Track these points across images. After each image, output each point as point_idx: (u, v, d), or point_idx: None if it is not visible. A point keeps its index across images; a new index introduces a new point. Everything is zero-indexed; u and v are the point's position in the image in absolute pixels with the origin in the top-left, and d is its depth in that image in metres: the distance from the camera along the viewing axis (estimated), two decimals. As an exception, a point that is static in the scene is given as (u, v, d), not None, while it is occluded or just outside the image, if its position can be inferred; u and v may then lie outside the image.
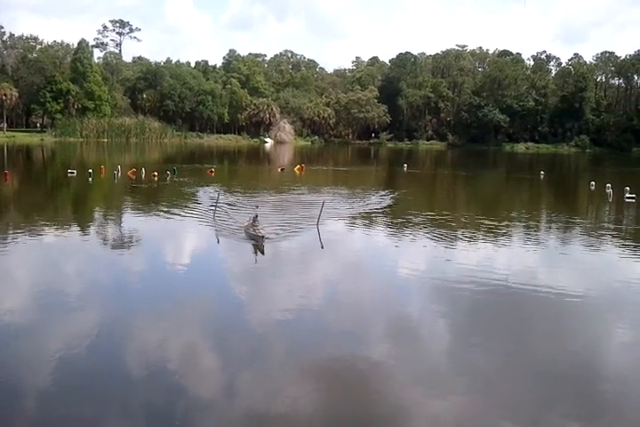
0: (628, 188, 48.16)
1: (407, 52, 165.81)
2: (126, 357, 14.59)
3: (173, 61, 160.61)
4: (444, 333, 17.36)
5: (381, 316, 18.37)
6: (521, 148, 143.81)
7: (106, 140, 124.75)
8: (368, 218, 35.82)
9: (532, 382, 13.90)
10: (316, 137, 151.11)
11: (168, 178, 53.76)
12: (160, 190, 46.78)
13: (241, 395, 13.07)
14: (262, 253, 24.31)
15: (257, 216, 26.52)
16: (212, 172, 60.36)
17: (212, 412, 12.13)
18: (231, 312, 18.32)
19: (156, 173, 53.63)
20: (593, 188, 53.94)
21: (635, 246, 30.61)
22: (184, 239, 28.28)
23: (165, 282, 21.13)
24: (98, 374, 13.43)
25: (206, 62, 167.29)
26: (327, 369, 14.24)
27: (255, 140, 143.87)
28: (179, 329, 16.55)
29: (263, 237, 25.34)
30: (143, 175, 54.09)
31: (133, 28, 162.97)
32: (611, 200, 47.58)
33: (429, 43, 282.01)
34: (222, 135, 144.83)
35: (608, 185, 50.85)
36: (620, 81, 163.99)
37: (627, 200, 46.23)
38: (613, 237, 32.65)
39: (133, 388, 12.88)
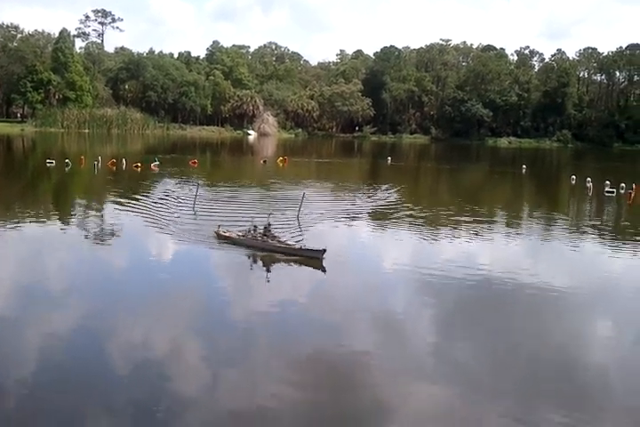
0: (608, 182, 48.56)
1: (391, 46, 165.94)
2: (110, 350, 14.45)
3: (156, 52, 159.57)
4: (428, 326, 17.37)
5: (366, 310, 18.35)
6: (504, 142, 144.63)
7: (87, 130, 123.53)
8: (349, 211, 35.75)
9: (515, 373, 13.95)
10: (300, 130, 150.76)
11: (155, 168, 53.41)
12: (139, 181, 46.27)
13: (227, 388, 13.03)
14: (323, 270, 21.57)
15: (269, 225, 24.33)
16: (194, 163, 60.01)
17: (198, 405, 12.05)
18: (215, 306, 18.23)
19: (138, 164, 53.17)
20: (574, 182, 54.32)
21: (613, 241, 30.86)
22: (157, 233, 27.85)
23: (144, 276, 20.96)
24: (78, 367, 13.29)
25: (189, 53, 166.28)
26: (312, 362, 14.19)
27: (238, 132, 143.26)
28: (160, 323, 16.41)
29: (324, 250, 22.22)
30: (124, 166, 53.59)
31: (116, 17, 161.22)
32: (590, 194, 47.97)
33: (414, 37, 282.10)
34: (205, 127, 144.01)
35: (588, 179, 51.23)
36: (602, 77, 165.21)
37: (606, 194, 46.66)
38: (593, 231, 32.90)
39: (117, 382, 12.73)
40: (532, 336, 16.29)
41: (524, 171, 67.39)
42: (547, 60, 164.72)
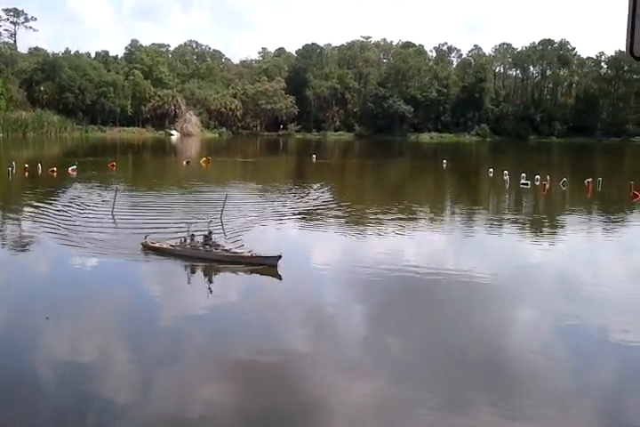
0: (524, 174, 50.25)
1: (313, 44, 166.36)
2: (38, 358, 14.01)
3: (72, 52, 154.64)
4: (358, 321, 17.64)
5: (297, 307, 18.45)
6: (425, 137, 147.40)
7: (1, 135, 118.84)
8: (274, 210, 35.75)
9: (445, 363, 14.34)
10: (224, 129, 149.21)
11: (72, 172, 51.86)
12: (54, 186, 44.75)
13: (162, 391, 12.83)
14: (280, 278, 20.84)
15: (211, 233, 23.29)
16: (113, 166, 58.53)
17: (129, 412, 11.79)
18: (144, 312, 17.90)
19: (54, 169, 51.50)
20: (491, 175, 55.95)
21: (531, 231, 32.09)
22: (71, 247, 27.02)
23: (64, 290, 20.34)
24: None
25: (107, 53, 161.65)
26: (245, 362, 14.14)
27: (160, 132, 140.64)
28: (90, 330, 16.05)
29: (280, 256, 21.44)
30: (40, 171, 51.81)
31: (29, 17, 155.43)
32: (508, 186, 49.56)
33: (335, 34, 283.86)
34: (125, 128, 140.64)
35: (505, 172, 52.86)
36: (517, 72, 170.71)
37: (521, 186, 48.32)
38: (511, 222, 34.09)
39: (45, 391, 12.38)
40: (460, 326, 16.78)
41: (444, 165, 68.92)
42: (464, 55, 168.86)
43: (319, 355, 14.71)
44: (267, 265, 21.44)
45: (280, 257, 21.41)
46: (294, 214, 34.71)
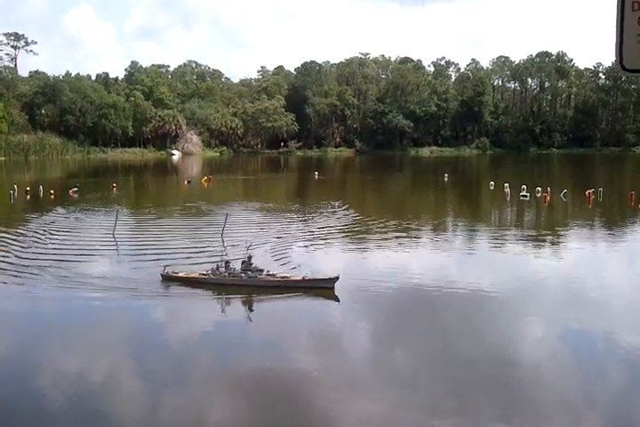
0: (524, 186, 50.29)
1: (312, 61, 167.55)
2: (44, 378, 14.02)
3: (73, 74, 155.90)
4: (364, 337, 17.65)
5: (302, 324, 18.46)
6: (425, 152, 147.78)
7: (3, 158, 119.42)
8: (279, 225, 35.84)
9: (451, 374, 14.32)
10: (225, 148, 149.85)
11: (73, 195, 51.95)
12: (53, 209, 44.27)
13: (168, 409, 12.80)
14: (337, 300, 20.34)
15: (250, 258, 22.07)
16: (114, 187, 58.62)
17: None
18: (149, 330, 17.89)
19: (52, 191, 51.59)
20: (492, 188, 56.02)
21: (533, 243, 32.01)
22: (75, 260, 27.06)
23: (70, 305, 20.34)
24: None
25: (107, 75, 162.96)
26: (252, 380, 14.12)
27: (162, 152, 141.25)
28: (93, 349, 16.07)
29: (337, 278, 20.83)
30: (41, 193, 51.98)
31: (29, 40, 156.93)
32: (509, 199, 49.57)
33: (333, 51, 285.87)
34: (127, 149, 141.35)
35: (506, 185, 52.85)
36: (516, 84, 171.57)
37: (521, 198, 48.33)
38: (513, 235, 34.10)
39: (54, 414, 12.40)
40: (468, 340, 16.75)
41: (446, 179, 68.97)
42: (462, 69, 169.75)
43: (325, 371, 14.67)
44: (322, 288, 20.69)
45: (338, 278, 20.71)
46: (313, 234, 33.78)
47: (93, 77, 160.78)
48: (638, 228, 38.70)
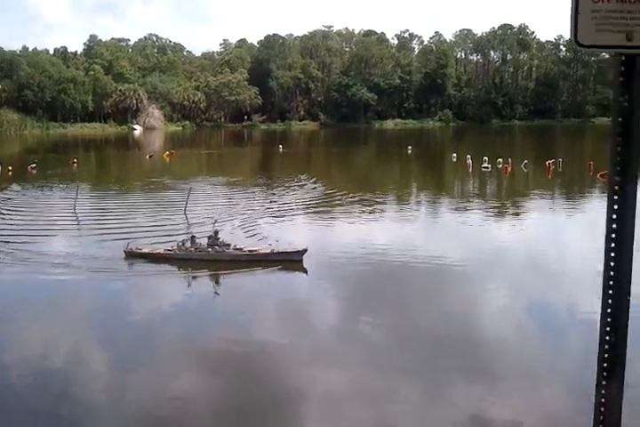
0: (486, 158, 50.88)
1: (275, 34, 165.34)
2: (5, 355, 13.95)
3: (30, 49, 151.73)
4: (332, 309, 17.84)
5: (270, 297, 18.59)
6: (390, 124, 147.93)
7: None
8: (245, 200, 35.79)
9: (419, 345, 14.60)
10: (187, 122, 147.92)
11: (32, 171, 50.95)
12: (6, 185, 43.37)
13: (134, 384, 12.85)
14: (306, 273, 20.58)
15: (217, 233, 22.03)
16: (74, 162, 57.56)
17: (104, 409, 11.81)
18: (113, 307, 17.82)
19: (10, 168, 50.49)
20: (455, 159, 56.56)
21: (494, 214, 32.59)
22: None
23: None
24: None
25: (65, 49, 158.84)
26: (221, 354, 14.21)
27: (123, 127, 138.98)
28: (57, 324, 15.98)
29: (305, 250, 20.90)
30: (-1, 170, 50.94)
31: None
32: (471, 170, 50.17)
33: (296, 24, 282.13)
34: (87, 124, 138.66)
35: (468, 156, 53.41)
36: (478, 57, 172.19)
37: (483, 170, 48.96)
38: (476, 205, 34.62)
39: (16, 391, 12.35)
40: (430, 309, 17.11)
41: (409, 151, 69.30)
42: (425, 42, 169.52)
43: (293, 344, 14.83)
44: (290, 261, 20.78)
45: (306, 251, 20.78)
46: (279, 208, 33.88)
47: (51, 52, 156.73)
48: (596, 197, 39.54)
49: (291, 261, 20.80)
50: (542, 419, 11.40)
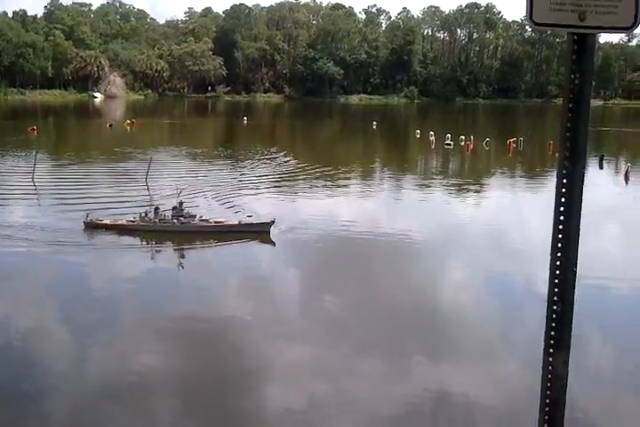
0: (448, 135, 51.27)
1: (241, 4, 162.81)
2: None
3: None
4: (297, 282, 17.94)
5: (237, 269, 18.59)
6: (355, 99, 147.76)
7: None
8: (207, 171, 35.53)
9: (381, 320, 14.81)
10: (149, 91, 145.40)
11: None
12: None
13: (97, 357, 12.80)
14: (273, 244, 20.43)
15: (182, 204, 21.58)
16: (33, 130, 56.21)
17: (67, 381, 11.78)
18: (73, 280, 17.62)
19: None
20: (418, 136, 56.87)
21: (455, 190, 32.97)
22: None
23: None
24: None
25: (25, 12, 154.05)
26: (183, 327, 14.20)
27: (83, 95, 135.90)
28: (15, 301, 15.76)
29: (273, 222, 20.84)
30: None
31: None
32: (433, 147, 50.57)
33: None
34: (46, 91, 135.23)
35: (431, 133, 53.75)
36: (445, 35, 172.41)
37: (445, 146, 49.38)
38: (438, 182, 35.00)
39: None
40: (393, 283, 17.37)
41: (374, 127, 69.39)
42: (393, 18, 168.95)
43: (256, 319, 14.92)
44: (258, 232, 20.72)
45: (274, 222, 20.72)
46: (244, 180, 33.80)
47: (10, 15, 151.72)
48: (555, 175, 40.26)
49: (259, 232, 20.74)
50: (497, 388, 11.76)
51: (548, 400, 2.82)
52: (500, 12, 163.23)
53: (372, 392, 11.56)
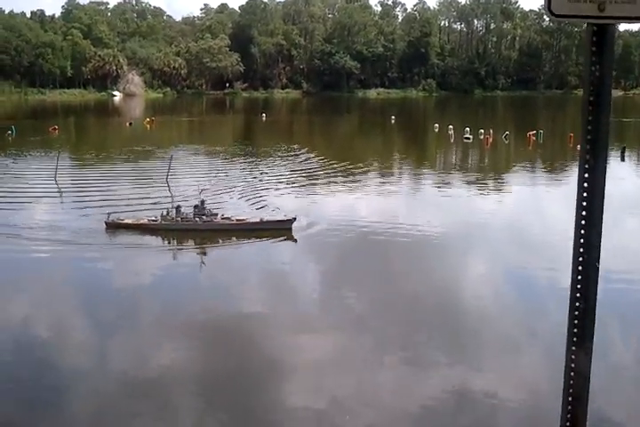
0: (467, 129, 50.91)
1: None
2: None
3: (6, 12, 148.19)
4: (320, 278, 17.98)
5: (259, 266, 18.65)
6: (372, 93, 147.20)
7: None
8: (227, 169, 35.62)
9: (401, 314, 14.80)
10: (168, 88, 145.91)
11: (10, 138, 50.12)
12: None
13: (118, 355, 12.92)
14: (295, 242, 20.56)
15: (203, 202, 21.70)
16: (54, 129, 56.70)
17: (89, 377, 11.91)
18: (96, 279, 17.76)
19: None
20: (437, 130, 56.55)
21: (475, 185, 32.75)
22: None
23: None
24: None
25: (43, 12, 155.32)
26: (206, 325, 14.28)
27: (102, 93, 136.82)
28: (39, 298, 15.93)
29: (294, 219, 21.06)
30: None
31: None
32: (452, 141, 50.25)
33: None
34: (66, 90, 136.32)
35: (450, 127, 53.40)
36: (462, 26, 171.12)
37: (464, 140, 49.04)
38: (458, 176, 34.81)
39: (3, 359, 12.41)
40: (415, 279, 17.34)
41: (392, 121, 69.13)
42: (409, 10, 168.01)
43: (277, 313, 14.96)
44: (280, 229, 20.80)
45: (295, 219, 20.84)
46: (266, 177, 33.72)
47: (28, 15, 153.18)
48: (576, 168, 39.83)
49: (280, 229, 20.81)
50: (519, 383, 11.69)
51: (570, 398, 2.80)
52: (516, 2, 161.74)
53: (395, 386, 11.55)
